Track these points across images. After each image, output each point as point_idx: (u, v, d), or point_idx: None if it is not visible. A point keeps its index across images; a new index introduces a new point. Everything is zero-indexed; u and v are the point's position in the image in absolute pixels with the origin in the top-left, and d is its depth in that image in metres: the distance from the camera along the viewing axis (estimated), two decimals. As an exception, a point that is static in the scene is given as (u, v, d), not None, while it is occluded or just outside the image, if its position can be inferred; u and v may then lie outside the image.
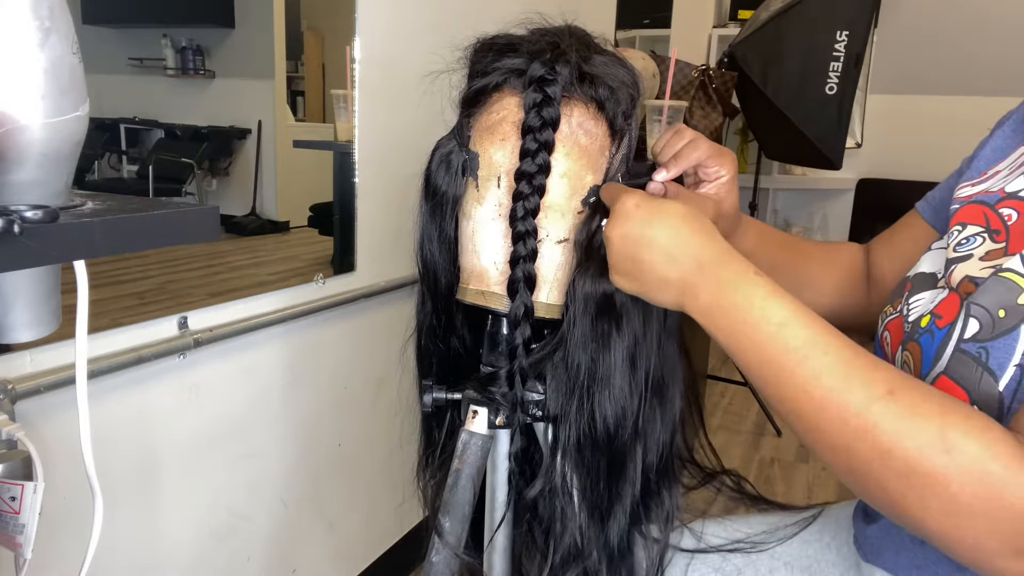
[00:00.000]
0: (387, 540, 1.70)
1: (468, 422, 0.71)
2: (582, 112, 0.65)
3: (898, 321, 0.66)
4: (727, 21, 3.92)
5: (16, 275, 0.50)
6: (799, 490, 2.34)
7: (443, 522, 0.70)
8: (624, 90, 0.66)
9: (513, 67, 0.65)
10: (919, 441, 0.47)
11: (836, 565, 0.76)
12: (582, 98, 0.65)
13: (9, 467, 0.62)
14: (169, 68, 1.26)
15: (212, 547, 1.23)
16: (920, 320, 0.62)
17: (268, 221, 1.42)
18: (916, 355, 0.61)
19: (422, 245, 0.74)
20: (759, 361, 0.54)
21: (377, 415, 1.57)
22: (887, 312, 0.69)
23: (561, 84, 0.64)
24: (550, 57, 0.64)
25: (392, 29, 1.43)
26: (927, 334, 0.60)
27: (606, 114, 0.66)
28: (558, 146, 0.65)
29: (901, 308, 0.66)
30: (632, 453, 0.66)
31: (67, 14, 0.45)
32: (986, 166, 0.70)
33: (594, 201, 0.67)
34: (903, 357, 0.63)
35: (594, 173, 0.67)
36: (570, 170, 0.65)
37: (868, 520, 0.72)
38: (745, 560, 0.79)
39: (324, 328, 1.39)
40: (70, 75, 0.45)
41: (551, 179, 0.65)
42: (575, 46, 0.65)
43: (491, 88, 0.66)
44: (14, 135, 0.43)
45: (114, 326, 0.98)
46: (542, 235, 0.66)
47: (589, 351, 0.64)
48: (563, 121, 0.65)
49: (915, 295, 0.65)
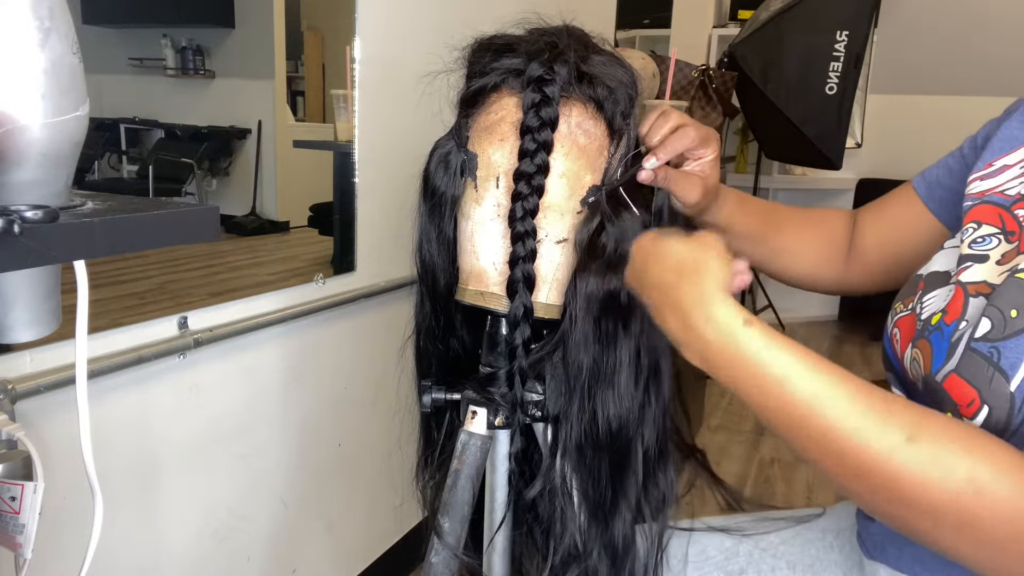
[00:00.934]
0: (387, 540, 1.70)
1: (467, 422, 0.71)
2: (581, 112, 0.65)
3: (910, 319, 0.65)
4: (727, 21, 3.93)
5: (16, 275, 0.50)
6: (799, 490, 2.34)
7: (442, 522, 0.70)
8: (623, 90, 0.66)
9: (511, 67, 0.65)
10: (948, 487, 0.46)
11: (839, 564, 0.76)
12: (581, 98, 0.65)
13: (9, 467, 0.62)
14: (169, 68, 1.26)
15: (212, 547, 1.23)
16: (931, 318, 0.61)
17: (268, 221, 1.42)
18: (926, 352, 0.60)
19: (421, 246, 0.74)
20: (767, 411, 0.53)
21: (377, 415, 1.57)
22: (897, 309, 0.68)
23: (559, 84, 0.63)
24: (548, 57, 0.64)
25: (392, 29, 1.43)
26: (936, 331, 0.59)
27: (605, 114, 0.66)
28: (557, 146, 0.65)
29: (913, 306, 0.65)
30: (635, 447, 0.66)
31: (67, 14, 0.45)
32: (994, 156, 0.68)
33: (593, 201, 0.67)
34: (912, 355, 0.62)
35: (593, 173, 0.67)
36: (569, 170, 0.65)
37: (870, 517, 0.72)
38: (748, 560, 0.79)
39: (324, 328, 1.39)
40: (70, 75, 0.45)
41: (550, 179, 0.65)
42: (573, 46, 0.65)
43: (489, 88, 0.66)
44: (14, 135, 0.43)
45: (114, 326, 0.98)
46: (541, 235, 0.66)
47: (592, 351, 0.64)
48: (562, 121, 0.64)
49: (929, 293, 0.64)
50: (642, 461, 0.67)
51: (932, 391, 0.58)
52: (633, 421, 0.65)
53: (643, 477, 0.67)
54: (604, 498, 0.67)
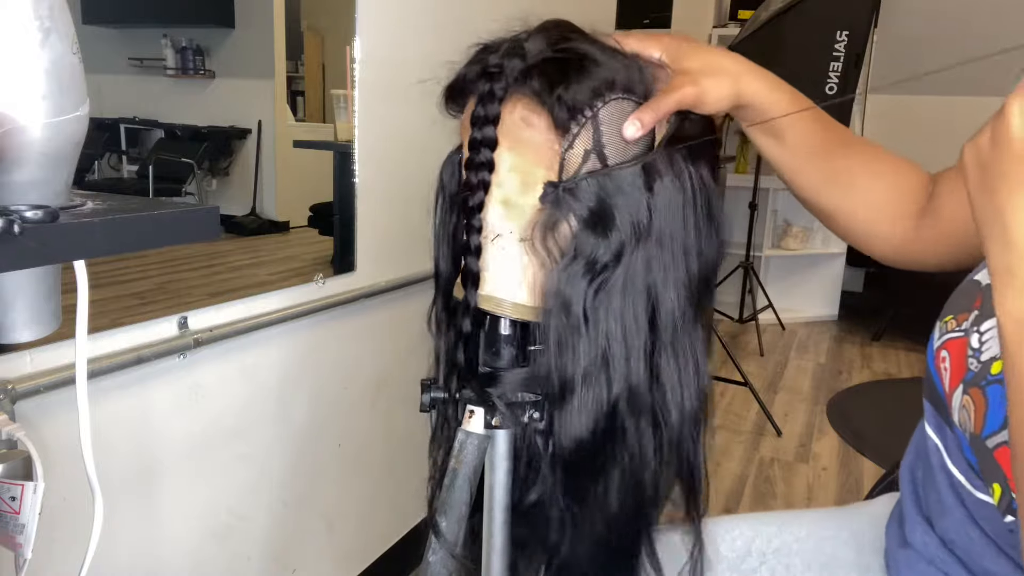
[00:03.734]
0: (387, 540, 1.70)
1: (465, 422, 0.71)
2: (525, 105, 0.63)
3: (961, 346, 0.55)
4: (727, 21, 3.93)
5: (16, 275, 0.50)
6: (799, 490, 2.34)
7: (440, 522, 0.70)
8: (585, 82, 0.61)
9: (478, 64, 0.65)
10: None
11: (854, 563, 0.75)
12: (526, 91, 0.62)
13: (9, 467, 0.62)
14: (169, 68, 1.26)
15: (212, 547, 1.23)
16: (991, 364, 0.51)
17: (268, 221, 1.42)
18: (980, 405, 0.51)
19: (435, 245, 0.74)
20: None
21: (377, 415, 1.57)
22: (947, 324, 0.59)
23: (507, 77, 0.62)
24: (505, 51, 0.63)
25: (392, 29, 1.43)
26: (996, 385, 0.50)
27: (547, 107, 0.62)
28: (502, 140, 0.63)
29: (967, 329, 0.55)
30: (607, 465, 0.64)
31: (67, 14, 0.45)
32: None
33: (549, 198, 0.63)
34: (963, 401, 0.54)
35: (546, 168, 0.63)
36: (516, 164, 0.64)
37: (902, 544, 0.70)
38: (761, 560, 0.78)
39: (324, 328, 1.39)
40: (70, 75, 0.45)
41: (502, 175, 0.64)
42: (543, 39, 0.63)
43: (464, 87, 0.66)
44: (14, 135, 0.43)
45: (114, 326, 0.98)
46: (504, 231, 0.65)
47: (553, 357, 0.62)
48: (506, 114, 0.63)
49: (988, 321, 0.53)
50: (620, 480, 0.64)
51: (980, 451, 0.52)
52: (602, 431, 0.63)
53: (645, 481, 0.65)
54: (600, 504, 0.65)
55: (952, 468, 0.60)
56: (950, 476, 0.60)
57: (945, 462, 0.61)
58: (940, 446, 0.63)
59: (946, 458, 0.61)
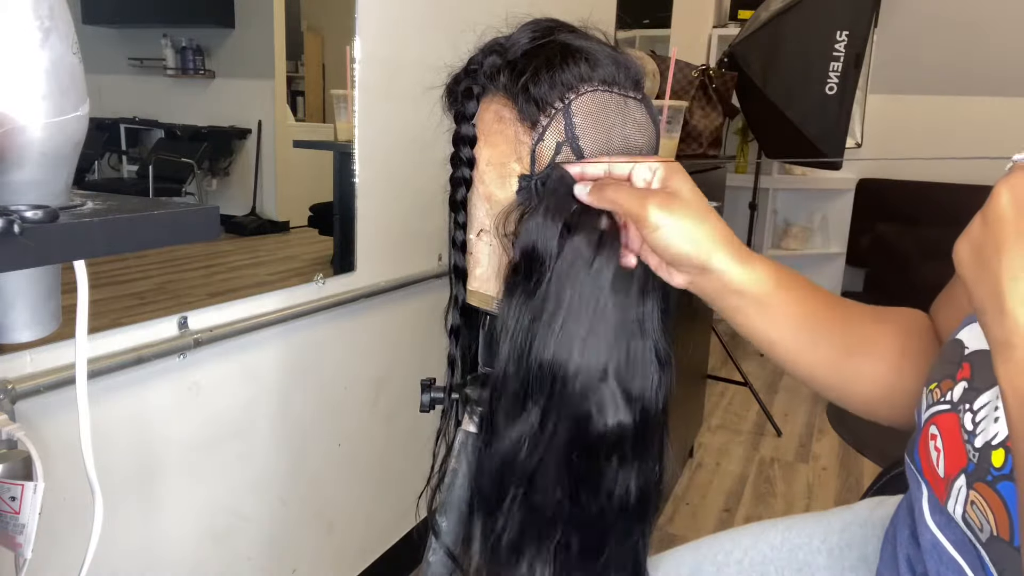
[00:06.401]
0: (387, 540, 1.70)
1: (465, 422, 0.71)
2: (500, 100, 0.65)
3: (953, 425, 0.52)
4: (727, 21, 3.93)
5: (16, 275, 0.50)
6: (799, 490, 2.34)
7: (440, 521, 0.70)
8: (557, 74, 0.61)
9: (474, 63, 0.67)
10: None
11: (828, 569, 0.76)
12: (498, 86, 0.65)
13: (9, 467, 0.62)
14: (169, 68, 1.26)
15: (212, 547, 1.23)
16: (992, 454, 0.47)
17: (268, 221, 1.42)
18: (997, 508, 0.47)
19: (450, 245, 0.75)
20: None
21: (377, 415, 1.57)
22: (933, 395, 0.55)
23: (484, 74, 0.64)
24: (486, 48, 0.65)
25: (392, 29, 1.43)
26: (1006, 482, 0.46)
27: (513, 101, 0.63)
28: (480, 136, 0.66)
29: (956, 403, 0.52)
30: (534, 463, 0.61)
31: (67, 14, 0.45)
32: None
33: (524, 193, 0.63)
34: (971, 496, 0.49)
35: (519, 162, 0.64)
36: (492, 159, 0.66)
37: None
38: (738, 570, 0.79)
39: (324, 328, 1.39)
40: (70, 75, 0.45)
41: (482, 169, 0.66)
42: (524, 34, 0.64)
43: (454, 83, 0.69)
44: (14, 135, 0.43)
45: (114, 326, 0.98)
46: (488, 226, 0.66)
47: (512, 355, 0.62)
48: (483, 111, 0.66)
49: (981, 398, 0.50)
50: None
51: (998, 552, 0.47)
52: (533, 439, 0.61)
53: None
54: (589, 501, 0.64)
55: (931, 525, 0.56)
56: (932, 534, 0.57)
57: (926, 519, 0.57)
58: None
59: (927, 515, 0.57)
